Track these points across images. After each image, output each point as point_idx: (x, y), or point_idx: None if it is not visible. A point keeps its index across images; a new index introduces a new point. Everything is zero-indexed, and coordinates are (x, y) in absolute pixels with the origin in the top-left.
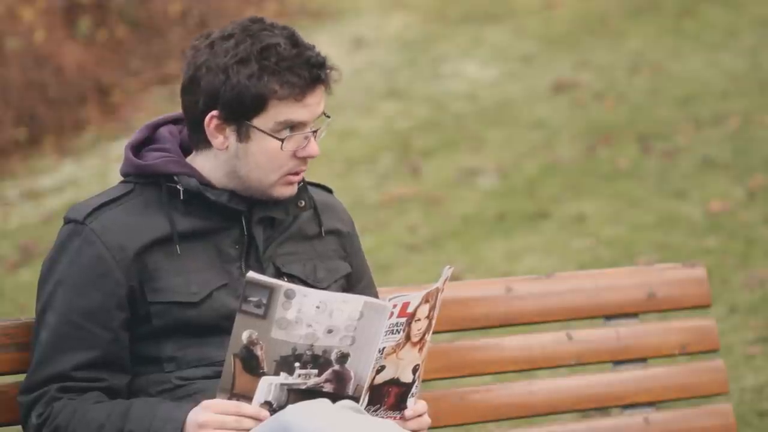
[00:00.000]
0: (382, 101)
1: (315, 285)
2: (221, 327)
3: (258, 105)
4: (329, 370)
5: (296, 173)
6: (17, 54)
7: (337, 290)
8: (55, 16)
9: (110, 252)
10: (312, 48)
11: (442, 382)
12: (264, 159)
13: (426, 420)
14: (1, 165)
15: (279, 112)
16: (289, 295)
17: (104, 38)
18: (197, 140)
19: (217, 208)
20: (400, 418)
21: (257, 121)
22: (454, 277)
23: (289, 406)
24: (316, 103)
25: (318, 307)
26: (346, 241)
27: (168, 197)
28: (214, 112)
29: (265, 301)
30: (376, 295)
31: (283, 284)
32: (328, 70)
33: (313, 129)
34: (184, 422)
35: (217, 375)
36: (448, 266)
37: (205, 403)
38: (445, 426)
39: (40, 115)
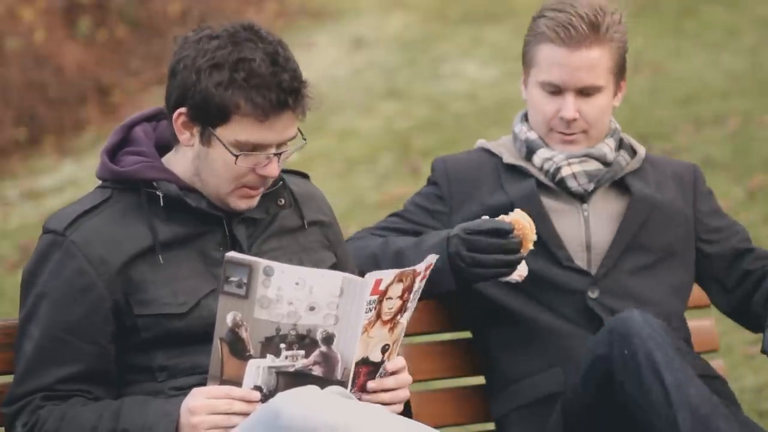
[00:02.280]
0: (382, 101)
1: None
2: (211, 334)
3: (221, 115)
4: (316, 352)
5: (255, 188)
6: (17, 54)
7: None
8: (55, 16)
9: (92, 266)
10: (291, 70)
11: (442, 382)
12: (221, 168)
13: (406, 377)
14: (1, 165)
15: (242, 129)
16: (267, 272)
17: (104, 38)
18: (172, 132)
19: (198, 212)
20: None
21: (220, 131)
22: None
23: (279, 394)
24: (283, 127)
25: (297, 284)
26: (328, 231)
27: (148, 203)
28: (183, 109)
29: (245, 281)
30: None
31: (262, 261)
32: (301, 97)
33: (278, 151)
34: (178, 416)
35: None
36: (432, 254)
37: (195, 390)
38: (445, 426)
39: (40, 115)
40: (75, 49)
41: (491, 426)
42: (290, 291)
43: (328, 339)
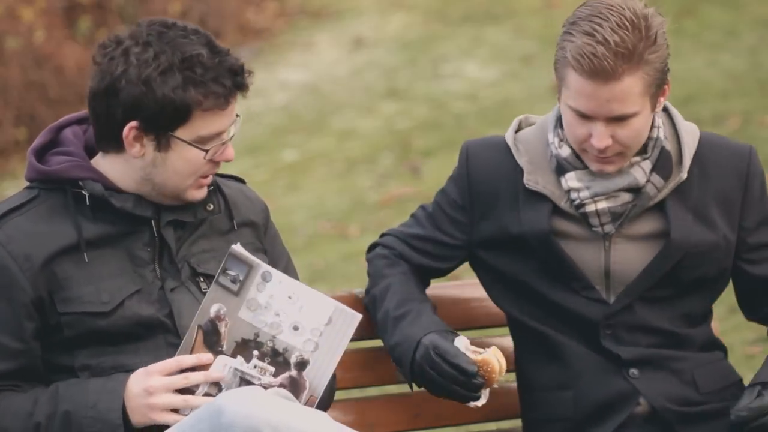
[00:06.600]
0: (382, 101)
1: None
2: (135, 334)
3: (182, 116)
4: (286, 374)
5: (208, 175)
6: (17, 54)
7: None
8: (55, 16)
9: (16, 262)
10: (229, 53)
11: None
12: (183, 166)
13: None
14: (1, 165)
15: (203, 123)
16: (265, 277)
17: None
18: (107, 145)
19: (125, 213)
20: None
21: (180, 132)
22: (454, 277)
23: (222, 393)
24: (234, 108)
25: (290, 297)
26: (260, 232)
27: (74, 203)
28: (134, 123)
29: (241, 278)
30: (296, 277)
31: (263, 265)
32: (248, 71)
33: (231, 134)
34: (123, 393)
35: None
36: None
37: (149, 368)
38: (445, 426)
39: (40, 115)
40: (75, 49)
41: (491, 426)
42: (281, 302)
43: (302, 365)
